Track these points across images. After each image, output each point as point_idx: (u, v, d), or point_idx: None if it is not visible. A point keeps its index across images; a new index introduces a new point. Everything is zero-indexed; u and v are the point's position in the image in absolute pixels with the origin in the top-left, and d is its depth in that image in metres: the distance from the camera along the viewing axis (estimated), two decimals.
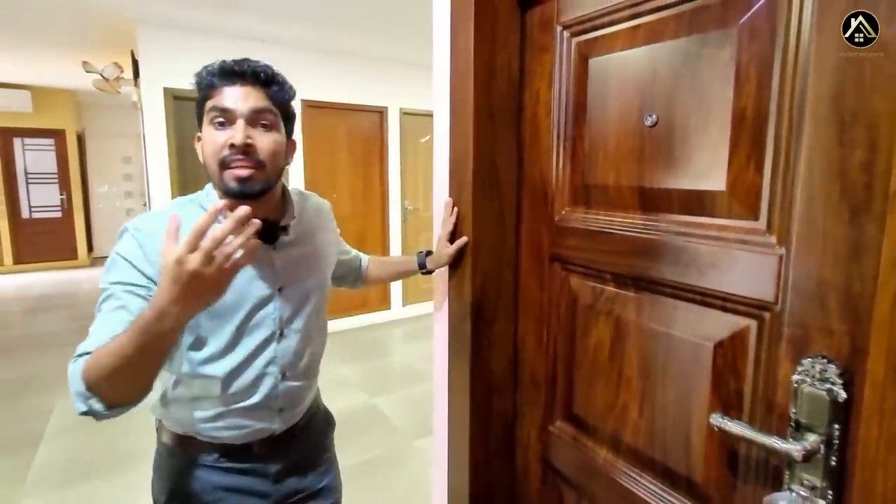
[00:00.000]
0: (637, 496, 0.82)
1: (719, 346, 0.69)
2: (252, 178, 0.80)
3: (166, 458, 0.93)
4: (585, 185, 0.88)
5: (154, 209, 0.86)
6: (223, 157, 0.80)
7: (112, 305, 0.74)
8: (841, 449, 0.56)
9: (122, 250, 0.78)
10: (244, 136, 0.79)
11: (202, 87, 0.83)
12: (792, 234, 0.60)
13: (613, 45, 0.81)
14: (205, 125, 0.83)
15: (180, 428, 0.91)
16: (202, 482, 0.91)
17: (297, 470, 0.99)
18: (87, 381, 0.66)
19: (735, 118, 0.65)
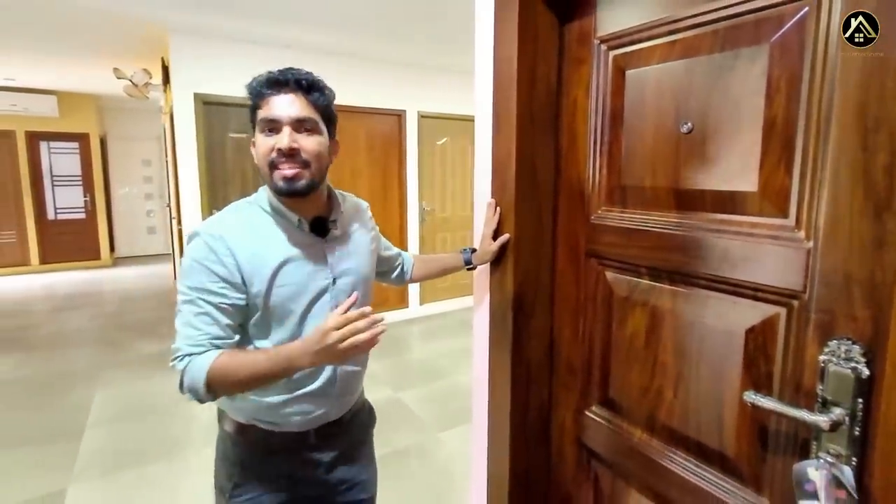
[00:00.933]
0: (671, 472, 0.89)
1: (751, 331, 0.76)
2: (297, 176, 0.90)
3: (230, 446, 1.01)
4: (622, 187, 0.95)
5: (219, 213, 0.96)
6: (271, 160, 0.89)
7: (194, 311, 0.85)
8: (864, 421, 0.63)
9: (195, 254, 0.87)
10: (290, 141, 0.88)
11: (253, 97, 0.92)
12: (819, 230, 0.67)
13: (650, 58, 0.88)
14: (257, 132, 0.92)
15: (243, 417, 0.98)
16: (263, 469, 0.99)
17: (345, 460, 1.07)
18: (210, 382, 0.81)
19: (766, 126, 0.72)
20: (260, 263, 0.90)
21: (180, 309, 0.87)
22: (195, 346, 0.83)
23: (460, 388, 3.26)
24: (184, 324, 0.85)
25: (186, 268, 0.88)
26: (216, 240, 0.87)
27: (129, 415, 2.83)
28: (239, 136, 3.69)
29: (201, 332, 0.84)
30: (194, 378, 0.81)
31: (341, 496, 1.07)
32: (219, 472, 1.03)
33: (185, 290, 0.87)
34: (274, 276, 0.90)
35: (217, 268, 0.86)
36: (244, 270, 0.88)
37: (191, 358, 0.82)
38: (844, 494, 0.64)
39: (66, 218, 7.14)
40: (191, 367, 0.81)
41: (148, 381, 3.29)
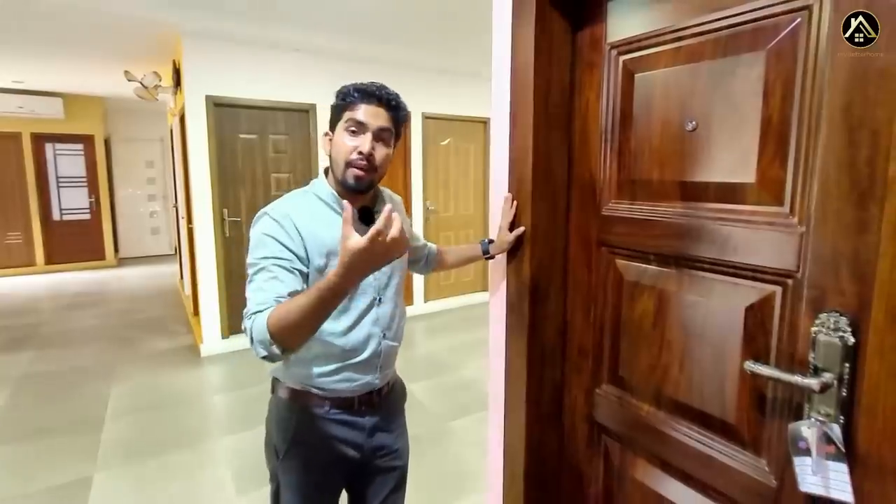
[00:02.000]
0: (676, 440, 0.97)
1: (750, 309, 0.84)
2: (364, 178, 1.03)
3: (284, 411, 1.11)
4: (631, 181, 1.04)
5: (282, 198, 1.09)
6: (350, 159, 1.02)
7: (266, 276, 0.94)
8: (850, 384, 0.71)
9: (266, 230, 0.99)
10: (370, 147, 1.02)
11: (344, 99, 1.05)
12: (811, 216, 0.75)
13: (658, 62, 0.97)
14: (339, 129, 1.04)
15: (298, 384, 1.09)
16: (315, 431, 1.09)
17: (384, 427, 1.18)
18: (272, 332, 0.84)
19: (763, 124, 0.80)
20: (319, 242, 1.02)
21: (252, 279, 0.96)
22: (261, 304, 0.90)
23: (467, 380, 3.34)
24: (255, 290, 0.93)
25: (257, 241, 0.98)
26: (283, 217, 1.00)
27: (147, 407, 2.91)
28: (249, 136, 3.77)
29: (267, 293, 0.91)
30: (259, 329, 0.85)
31: (379, 461, 1.17)
32: (271, 435, 1.12)
33: (256, 261, 0.96)
34: (330, 254, 1.02)
35: (285, 239, 0.98)
36: (307, 244, 1.00)
37: (255, 315, 0.89)
38: (834, 449, 0.72)
39: (71, 219, 7.22)
40: (256, 321, 0.87)
41: (163, 375, 3.37)
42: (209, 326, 3.77)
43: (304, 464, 1.09)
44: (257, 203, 3.87)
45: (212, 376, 3.43)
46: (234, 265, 3.86)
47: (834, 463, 0.72)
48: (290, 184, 3.97)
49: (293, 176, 3.98)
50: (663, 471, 1.03)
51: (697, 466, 0.94)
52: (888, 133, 0.66)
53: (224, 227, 3.74)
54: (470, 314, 4.71)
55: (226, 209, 3.73)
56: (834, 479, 0.72)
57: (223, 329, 3.81)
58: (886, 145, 0.66)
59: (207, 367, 3.55)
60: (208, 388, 3.22)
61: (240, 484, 2.20)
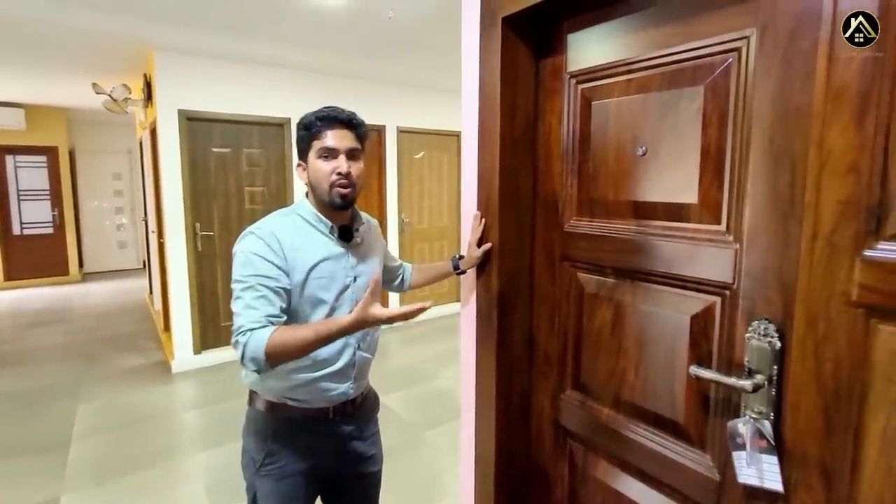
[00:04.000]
0: (633, 440, 1.05)
1: (695, 317, 0.93)
2: (349, 194, 1.12)
3: (261, 422, 1.14)
4: (590, 200, 1.12)
5: (266, 218, 1.14)
6: (332, 181, 1.10)
7: (255, 294, 1.00)
8: (778, 384, 0.80)
9: (252, 248, 1.04)
10: (347, 166, 1.10)
11: (310, 129, 1.11)
12: (743, 234, 0.84)
13: (612, 92, 1.06)
14: (312, 158, 1.12)
15: (274, 396, 1.13)
16: (291, 441, 1.13)
17: (358, 435, 1.22)
18: (269, 353, 0.94)
19: (703, 151, 0.89)
20: (302, 258, 1.08)
21: (240, 295, 1.01)
22: (255, 322, 0.98)
23: (441, 390, 3.38)
24: (244, 307, 1.00)
25: (244, 260, 1.03)
26: (269, 235, 1.06)
27: (116, 426, 2.85)
28: (222, 150, 3.76)
29: (260, 311, 0.99)
30: (256, 348, 0.94)
31: (354, 467, 1.21)
32: (248, 446, 1.16)
33: (244, 278, 1.02)
34: (312, 269, 1.08)
35: (271, 257, 1.04)
36: (289, 261, 1.05)
37: (251, 332, 0.96)
38: (766, 443, 0.80)
39: (32, 233, 6.98)
40: (252, 339, 0.95)
41: (131, 393, 3.30)
42: (181, 342, 3.72)
43: (280, 473, 1.13)
44: (231, 217, 3.86)
45: (184, 392, 3.37)
46: (206, 280, 3.82)
47: (766, 456, 0.80)
48: (264, 197, 3.97)
49: (267, 189, 3.98)
50: (622, 470, 1.10)
51: (652, 465, 1.02)
52: (804, 162, 0.76)
53: (196, 241, 3.71)
54: (445, 324, 4.76)
55: (198, 223, 3.70)
56: (767, 471, 0.80)
57: (195, 344, 3.76)
58: (803, 173, 0.76)
59: (179, 384, 3.49)
60: (180, 405, 3.17)
61: (214, 499, 2.18)
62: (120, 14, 2.88)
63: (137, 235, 8.19)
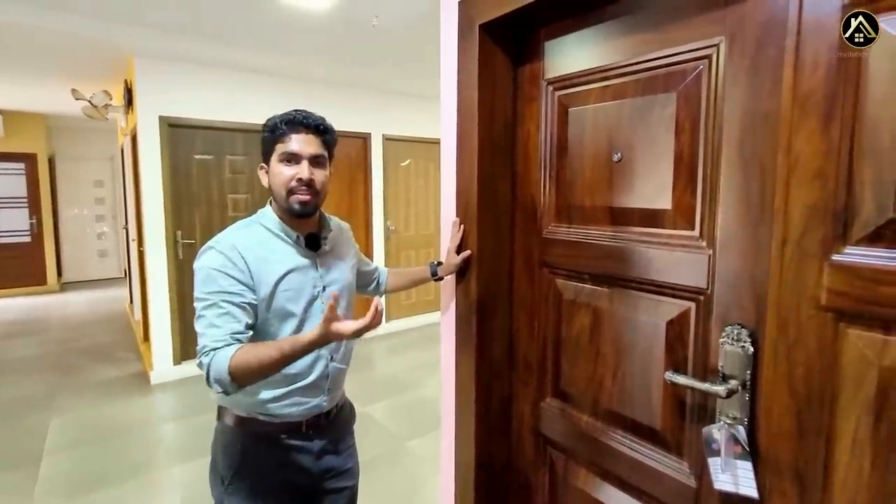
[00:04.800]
0: (612, 448, 1.04)
1: (670, 323, 0.93)
2: (309, 202, 1.07)
3: (230, 438, 1.10)
4: (568, 206, 1.12)
5: (227, 230, 1.09)
6: (291, 187, 1.05)
7: (218, 312, 0.96)
8: (752, 388, 0.80)
9: (213, 264, 0.99)
10: (309, 173, 1.05)
11: (274, 132, 1.07)
12: (717, 240, 0.85)
13: (588, 99, 1.06)
14: (274, 161, 1.07)
15: (244, 410, 1.09)
16: (262, 457, 1.09)
17: (332, 449, 1.19)
18: (233, 373, 0.90)
19: (676, 157, 0.90)
20: (266, 270, 1.03)
21: (202, 314, 0.96)
22: (218, 341, 0.93)
23: (426, 400, 3.35)
24: (207, 325, 0.95)
25: (205, 277, 0.98)
26: (230, 249, 1.01)
27: (90, 439, 2.77)
28: (205, 157, 3.72)
29: (223, 330, 0.94)
30: (219, 368, 0.90)
31: (328, 483, 1.17)
32: (217, 462, 1.11)
33: (206, 296, 0.97)
34: (278, 282, 1.04)
35: (234, 272, 0.99)
36: (254, 274, 1.01)
37: (215, 352, 0.92)
38: (740, 449, 0.80)
39: (9, 242, 6.81)
40: (215, 360, 0.91)
41: (108, 405, 3.21)
42: (160, 352, 3.64)
43: (251, 491, 1.09)
44: (213, 225, 3.80)
45: (162, 404, 3.29)
46: (187, 289, 3.75)
47: (741, 462, 0.80)
48: (247, 204, 3.92)
49: (251, 196, 3.94)
50: (602, 479, 1.09)
51: (630, 472, 1.01)
52: (773, 168, 0.76)
53: (177, 249, 3.65)
54: (430, 333, 4.73)
55: (179, 231, 3.65)
56: (742, 477, 0.80)
57: (175, 355, 3.68)
58: (772, 178, 0.76)
59: (157, 395, 3.41)
60: (158, 417, 3.10)
61: None
62: (100, 20, 2.84)
63: (118, 244, 8.04)
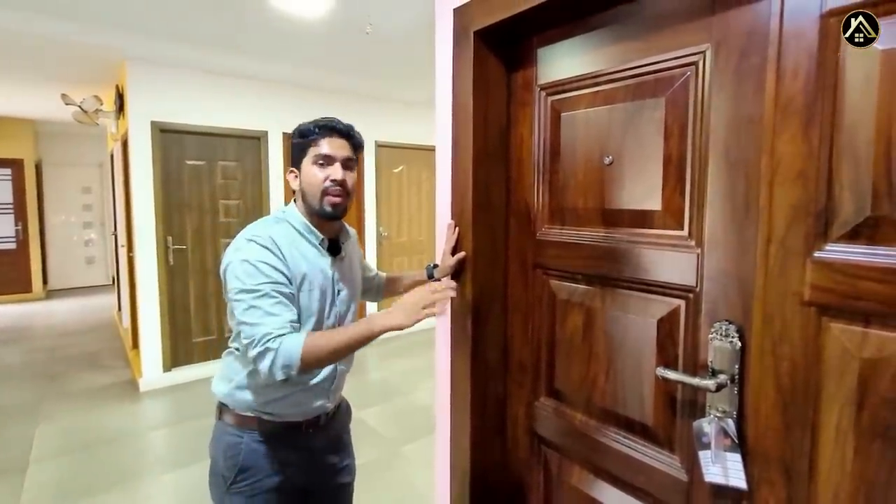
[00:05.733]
0: (606, 445, 1.06)
1: (661, 321, 0.95)
2: (341, 204, 1.11)
3: (231, 438, 1.10)
4: (560, 208, 1.15)
5: (258, 224, 1.11)
6: (325, 188, 1.09)
7: (271, 301, 0.97)
8: (740, 383, 0.83)
9: (258, 256, 1.01)
10: (342, 175, 1.09)
11: (307, 136, 1.11)
12: (704, 239, 0.88)
13: (579, 104, 1.09)
14: (306, 164, 1.10)
15: (247, 409, 1.09)
16: (263, 457, 1.10)
17: (332, 447, 1.21)
18: (304, 359, 0.92)
19: (665, 160, 0.93)
20: (297, 267, 1.06)
21: (254, 304, 0.97)
22: (281, 328, 0.95)
23: (419, 405, 3.35)
24: (263, 314, 0.96)
25: (250, 269, 0.99)
26: (271, 243, 1.03)
27: (77, 447, 2.73)
28: (197, 163, 3.71)
29: (281, 318, 0.96)
30: (290, 354, 0.93)
31: (328, 480, 1.19)
32: (218, 463, 1.11)
33: (256, 287, 0.98)
34: (303, 280, 1.06)
35: (278, 264, 1.01)
36: (290, 269, 1.04)
37: (280, 339, 0.93)
38: (730, 442, 0.83)
39: None
40: (283, 346, 0.93)
41: (95, 413, 3.17)
42: (149, 359, 3.60)
43: (252, 490, 1.09)
44: (204, 230, 3.79)
45: (151, 411, 3.26)
46: (177, 295, 3.73)
47: (730, 454, 0.82)
48: (239, 210, 3.91)
49: (243, 202, 3.93)
50: (596, 476, 1.11)
51: (623, 468, 1.03)
52: (757, 169, 0.80)
53: (168, 255, 3.63)
54: (423, 338, 4.72)
55: (170, 237, 3.63)
56: (731, 469, 0.82)
57: (165, 362, 3.65)
58: (756, 180, 0.80)
59: (147, 403, 3.37)
60: (147, 424, 3.06)
61: None
62: (93, 24, 2.84)
63: (107, 251, 7.95)
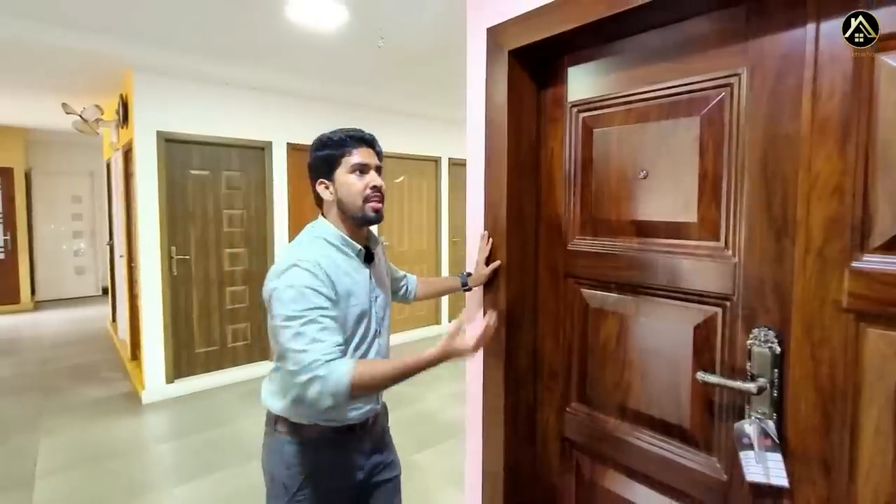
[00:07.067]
0: (640, 448, 1.10)
1: (697, 328, 1.00)
2: (381, 208, 1.16)
3: (291, 448, 1.11)
4: (592, 220, 1.20)
5: (298, 246, 1.11)
6: (367, 195, 1.12)
7: (317, 328, 0.97)
8: (780, 386, 0.87)
9: (303, 281, 0.99)
10: (380, 181, 1.14)
11: (339, 147, 1.13)
12: (741, 249, 0.93)
13: (612, 121, 1.15)
14: (341, 174, 1.12)
15: (305, 419, 1.11)
16: (323, 462, 1.13)
17: (378, 446, 1.25)
18: (354, 387, 0.94)
19: (701, 175, 0.98)
20: (341, 284, 1.07)
21: (300, 331, 0.95)
22: (328, 354, 0.94)
23: (425, 413, 3.36)
24: (310, 341, 0.95)
25: (296, 295, 0.98)
26: (315, 267, 1.01)
27: (84, 461, 2.69)
28: (201, 173, 3.71)
29: (327, 343, 0.95)
30: (338, 381, 0.92)
31: (377, 476, 1.24)
32: (278, 475, 1.12)
33: (301, 313, 0.97)
34: (349, 296, 1.08)
35: (324, 289, 1.01)
36: (336, 290, 1.05)
37: (328, 364, 0.93)
38: (770, 442, 0.87)
39: None
40: (332, 372, 0.93)
41: (99, 426, 3.13)
42: (152, 371, 3.56)
43: (316, 495, 1.12)
44: (208, 240, 3.78)
45: (156, 424, 3.22)
46: (181, 305, 3.70)
47: (771, 454, 0.87)
48: (243, 220, 3.91)
49: (247, 212, 3.93)
50: (629, 477, 1.14)
51: (659, 470, 1.07)
52: (794, 182, 0.85)
53: (171, 265, 3.61)
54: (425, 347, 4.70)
55: (174, 247, 3.61)
56: (772, 468, 0.87)
57: (168, 373, 3.61)
58: (794, 192, 0.85)
59: (150, 415, 3.33)
60: (153, 437, 3.03)
61: None
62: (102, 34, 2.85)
63: (97, 261, 7.84)
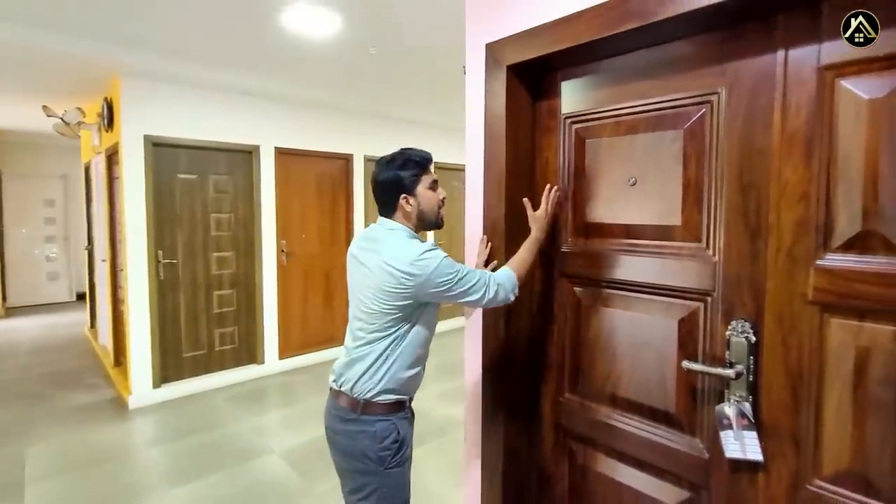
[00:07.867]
0: (629, 433, 1.20)
1: (682, 321, 1.10)
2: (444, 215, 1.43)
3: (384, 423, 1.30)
4: (585, 223, 1.29)
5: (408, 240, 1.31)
6: (439, 205, 1.39)
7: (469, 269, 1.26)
8: (755, 371, 0.98)
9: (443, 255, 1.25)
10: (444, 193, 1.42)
11: (423, 166, 1.36)
12: (721, 249, 1.03)
13: (602, 132, 1.25)
14: (422, 189, 1.35)
15: (397, 395, 1.31)
16: (407, 430, 1.35)
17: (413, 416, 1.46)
18: (518, 278, 1.26)
19: (684, 183, 1.09)
20: None
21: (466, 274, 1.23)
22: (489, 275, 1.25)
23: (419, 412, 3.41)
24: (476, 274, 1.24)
25: (448, 261, 1.24)
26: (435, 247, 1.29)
27: (74, 466, 2.67)
28: (188, 176, 3.71)
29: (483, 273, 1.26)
30: (512, 280, 1.25)
31: None
32: (371, 451, 1.29)
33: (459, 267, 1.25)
34: None
35: None
36: None
37: (494, 276, 1.24)
38: (747, 422, 0.98)
39: None
40: (503, 278, 1.24)
41: (86, 432, 3.10)
42: (139, 376, 3.54)
43: (403, 459, 1.33)
44: (195, 244, 3.78)
45: (145, 429, 3.20)
46: (168, 310, 3.69)
47: (748, 432, 0.97)
48: (230, 224, 3.92)
49: (234, 216, 3.94)
50: (619, 461, 1.24)
51: (647, 452, 1.17)
52: (767, 190, 0.96)
53: (159, 269, 3.60)
54: None
55: (161, 251, 3.60)
56: (749, 445, 0.97)
57: (155, 378, 3.59)
58: (767, 198, 0.96)
59: (138, 420, 3.31)
60: (143, 441, 3.02)
61: None
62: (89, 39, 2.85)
63: (70, 266, 7.66)
